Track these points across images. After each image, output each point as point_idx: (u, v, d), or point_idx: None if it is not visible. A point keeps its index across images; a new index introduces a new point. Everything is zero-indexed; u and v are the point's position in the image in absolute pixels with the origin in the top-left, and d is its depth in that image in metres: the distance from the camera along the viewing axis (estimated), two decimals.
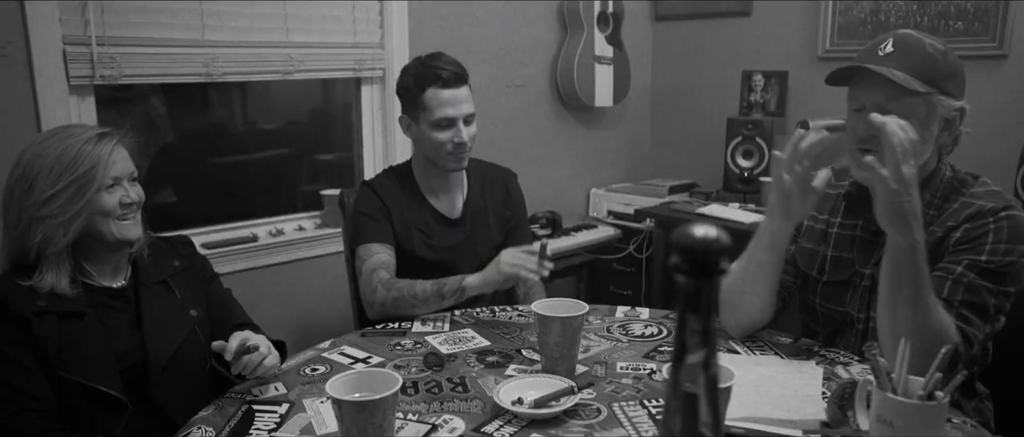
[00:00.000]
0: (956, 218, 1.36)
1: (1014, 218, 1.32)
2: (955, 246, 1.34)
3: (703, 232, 0.56)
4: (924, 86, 1.30)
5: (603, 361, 1.45)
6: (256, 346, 1.32)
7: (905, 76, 1.30)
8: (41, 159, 1.37)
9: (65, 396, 1.33)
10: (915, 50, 1.33)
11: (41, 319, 1.33)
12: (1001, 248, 1.30)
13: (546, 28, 3.26)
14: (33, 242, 1.36)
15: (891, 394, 1.01)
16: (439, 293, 1.71)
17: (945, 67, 1.33)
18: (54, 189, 1.35)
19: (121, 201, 1.41)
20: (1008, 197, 1.36)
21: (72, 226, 1.37)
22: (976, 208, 1.35)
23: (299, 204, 2.83)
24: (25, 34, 2.03)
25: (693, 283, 0.58)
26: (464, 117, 1.84)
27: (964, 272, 1.30)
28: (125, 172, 1.43)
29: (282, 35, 2.50)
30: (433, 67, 1.83)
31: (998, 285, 1.30)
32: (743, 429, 1.15)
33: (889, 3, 2.85)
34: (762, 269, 1.44)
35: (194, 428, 1.20)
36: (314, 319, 2.67)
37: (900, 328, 1.20)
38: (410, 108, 1.88)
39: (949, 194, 1.39)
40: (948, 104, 1.34)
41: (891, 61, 1.32)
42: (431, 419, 1.22)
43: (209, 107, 2.79)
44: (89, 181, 1.37)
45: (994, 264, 1.30)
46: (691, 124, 3.59)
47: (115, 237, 1.42)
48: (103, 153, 1.39)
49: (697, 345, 0.60)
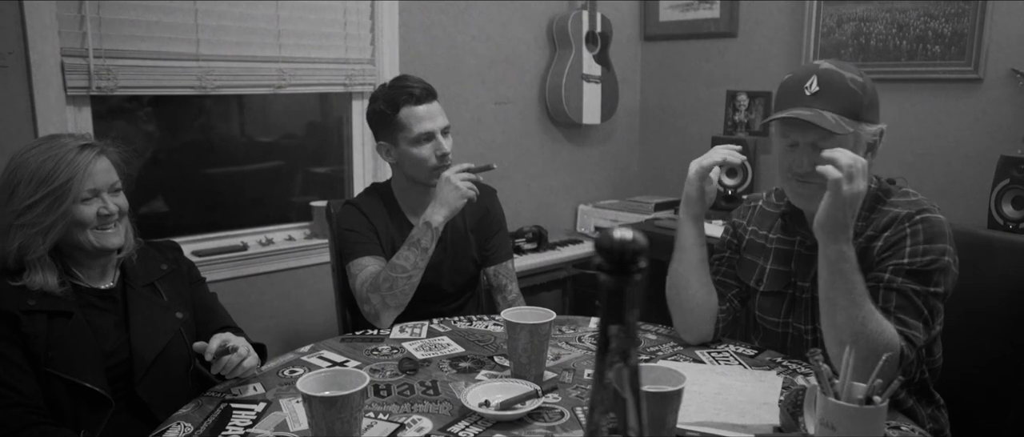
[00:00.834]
0: (876, 227, 1.44)
1: (928, 220, 1.39)
2: (879, 255, 1.41)
3: (621, 234, 0.62)
4: (852, 124, 1.39)
5: (571, 368, 1.50)
6: (235, 347, 1.37)
7: (836, 120, 1.37)
8: (23, 169, 1.42)
9: (51, 392, 1.37)
10: (839, 89, 1.40)
11: (30, 317, 1.38)
12: (920, 249, 1.37)
13: (535, 46, 3.33)
14: (12, 248, 1.41)
15: (832, 398, 1.06)
16: (416, 246, 1.78)
17: (865, 98, 1.41)
18: (32, 199, 1.40)
19: (98, 213, 1.44)
20: (924, 202, 1.43)
21: (49, 235, 1.41)
22: (891, 215, 1.42)
23: (292, 215, 2.89)
24: (25, 45, 2.09)
25: (614, 281, 0.63)
26: (441, 129, 1.89)
27: (891, 277, 1.37)
28: (105, 184, 1.46)
29: (275, 50, 2.57)
30: (402, 88, 1.88)
31: (925, 285, 1.36)
32: (698, 433, 1.20)
33: (870, 26, 2.92)
34: (691, 252, 1.58)
35: (173, 424, 1.25)
36: (301, 327, 2.72)
37: (841, 336, 1.27)
38: (386, 132, 1.92)
39: (874, 205, 1.46)
40: (871, 130, 1.43)
41: (818, 101, 1.40)
42: (400, 419, 1.27)
43: (203, 119, 2.86)
44: (65, 193, 1.41)
45: (916, 264, 1.36)
46: (677, 142, 3.65)
47: (93, 246, 1.46)
48: (80, 165, 1.42)
49: (619, 340, 0.65)
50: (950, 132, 2.78)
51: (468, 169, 1.86)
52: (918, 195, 1.46)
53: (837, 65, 1.44)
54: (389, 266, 1.79)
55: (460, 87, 3.06)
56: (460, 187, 1.80)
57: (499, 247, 2.06)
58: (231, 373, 1.38)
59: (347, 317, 2.11)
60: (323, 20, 2.68)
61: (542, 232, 3.21)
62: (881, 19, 2.90)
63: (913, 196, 1.46)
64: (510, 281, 2.05)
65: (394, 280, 1.77)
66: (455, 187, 1.81)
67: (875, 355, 1.09)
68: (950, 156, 2.78)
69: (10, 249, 1.41)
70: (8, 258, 1.42)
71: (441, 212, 1.81)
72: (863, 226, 1.46)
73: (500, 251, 2.05)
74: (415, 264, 1.78)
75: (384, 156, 1.96)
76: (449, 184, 1.81)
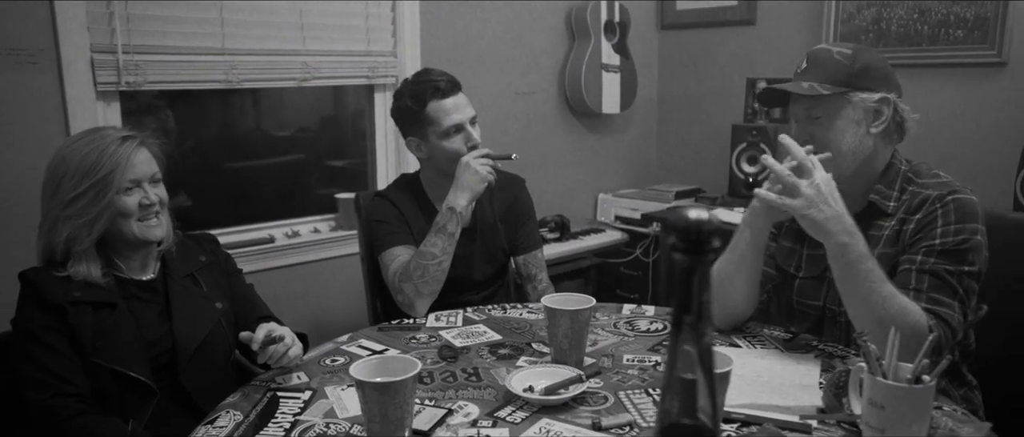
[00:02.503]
0: (907, 209, 1.46)
1: (959, 200, 1.41)
2: (911, 237, 1.43)
3: (697, 213, 0.63)
4: (832, 88, 1.45)
5: (610, 353, 1.51)
6: (281, 337, 1.39)
7: (811, 85, 1.46)
8: (67, 162, 1.44)
9: (97, 381, 1.40)
10: (824, 61, 1.49)
11: (76, 309, 1.40)
12: (951, 229, 1.39)
13: (554, 36, 3.34)
14: (60, 239, 1.44)
15: (881, 378, 1.07)
16: (442, 231, 1.81)
17: (854, 67, 1.47)
18: (77, 191, 1.43)
19: (140, 203, 1.47)
20: (955, 184, 1.45)
21: (95, 226, 1.44)
22: (922, 197, 1.44)
23: (312, 208, 2.91)
24: (56, 42, 2.12)
25: (688, 260, 0.64)
26: (470, 119, 1.90)
27: (924, 259, 1.39)
28: (145, 174, 1.49)
29: (298, 43, 2.59)
30: (427, 81, 1.89)
31: (958, 264, 1.38)
32: (743, 415, 1.21)
33: (891, 11, 2.92)
34: (744, 262, 1.53)
35: (222, 412, 1.27)
36: (330, 318, 2.75)
37: (861, 322, 1.31)
38: (414, 128, 1.93)
39: (905, 185, 1.48)
40: (865, 97, 1.47)
41: (805, 75, 1.50)
42: (447, 404, 1.28)
43: (223, 114, 2.87)
44: (108, 184, 1.43)
45: (948, 244, 1.38)
46: (696, 130, 3.66)
47: (137, 237, 1.48)
48: (122, 157, 1.44)
49: (692, 320, 0.66)
50: (974, 117, 2.77)
51: (487, 155, 1.88)
52: (948, 176, 1.47)
53: (834, 45, 1.51)
54: (418, 254, 1.80)
55: (481, 78, 3.07)
56: (479, 171, 1.83)
57: (528, 236, 2.07)
58: (277, 362, 1.40)
59: (378, 307, 2.13)
60: (345, 13, 2.69)
61: (564, 221, 3.23)
62: (902, 4, 2.89)
63: (944, 177, 1.47)
64: (540, 270, 2.06)
65: (425, 267, 1.78)
66: (475, 171, 1.83)
67: (903, 336, 1.10)
68: (974, 141, 2.77)
69: (58, 241, 1.43)
70: (56, 250, 1.44)
71: (463, 196, 1.83)
72: (895, 207, 1.48)
73: (530, 240, 2.07)
74: (443, 249, 1.80)
75: (414, 151, 1.97)
76: (468, 168, 1.83)
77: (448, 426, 1.21)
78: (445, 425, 1.21)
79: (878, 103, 1.47)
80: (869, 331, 1.16)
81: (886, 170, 1.52)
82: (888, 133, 1.51)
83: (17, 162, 2.07)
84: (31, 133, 2.09)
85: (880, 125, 1.48)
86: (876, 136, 1.49)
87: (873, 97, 1.46)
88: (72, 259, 1.44)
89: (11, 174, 2.07)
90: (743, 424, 1.19)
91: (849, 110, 1.46)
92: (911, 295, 1.36)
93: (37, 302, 1.39)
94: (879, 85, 1.47)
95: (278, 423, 1.23)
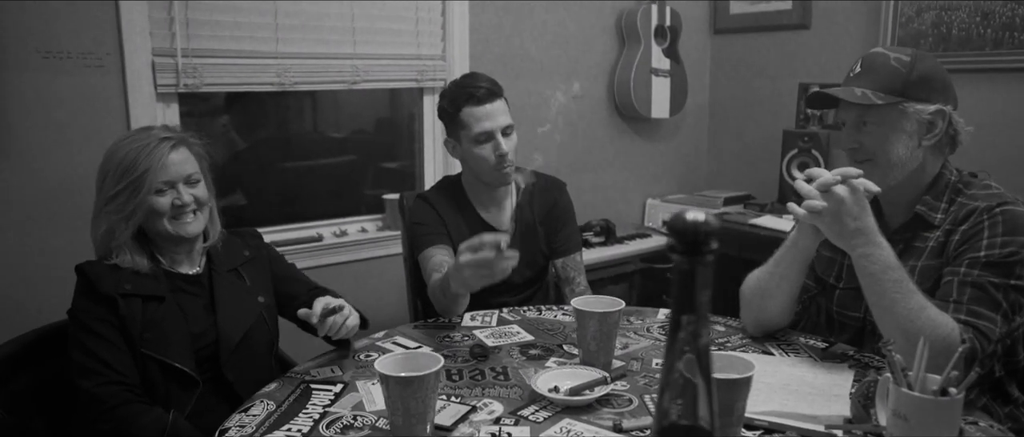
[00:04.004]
0: (954, 221, 1.41)
1: (1008, 212, 1.36)
2: (956, 249, 1.38)
3: (694, 215, 0.64)
4: (886, 97, 1.41)
5: (639, 357, 1.51)
6: (340, 307, 1.45)
7: (864, 92, 1.42)
8: (110, 160, 1.52)
9: (145, 371, 1.47)
10: (879, 67, 1.44)
11: (127, 301, 1.47)
12: (999, 241, 1.34)
13: (604, 40, 3.34)
14: (101, 232, 1.52)
15: (906, 389, 1.04)
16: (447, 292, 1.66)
17: (912, 75, 1.41)
18: (116, 188, 1.50)
19: (173, 203, 1.52)
20: (1007, 195, 1.40)
21: (130, 221, 1.51)
22: (970, 208, 1.40)
23: (363, 208, 2.98)
24: (120, 46, 2.23)
25: (686, 262, 0.65)
26: (502, 129, 1.89)
27: (967, 271, 1.34)
28: (180, 175, 1.53)
29: (350, 47, 2.65)
30: (466, 87, 1.90)
31: (1004, 277, 1.33)
32: (766, 422, 1.20)
33: (952, 14, 2.83)
34: (786, 278, 1.52)
35: (257, 402, 1.32)
36: (374, 316, 2.78)
37: (888, 333, 1.28)
38: (452, 129, 1.96)
39: (953, 197, 1.43)
40: (920, 109, 1.42)
41: (858, 80, 1.45)
42: (472, 402, 1.31)
43: (281, 115, 2.96)
44: (140, 184, 1.49)
45: (994, 256, 1.33)
46: (747, 136, 3.60)
47: (170, 233, 1.54)
48: (156, 158, 1.50)
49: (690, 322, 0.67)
50: None
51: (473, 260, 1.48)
52: (1000, 188, 1.43)
53: (891, 49, 1.46)
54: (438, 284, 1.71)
55: (529, 81, 3.10)
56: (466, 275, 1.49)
57: (568, 239, 2.08)
58: (337, 333, 1.45)
59: (418, 306, 2.17)
60: (396, 17, 2.75)
61: (610, 226, 3.22)
62: (963, 7, 2.79)
63: (995, 189, 1.43)
64: (578, 273, 2.07)
65: (447, 308, 1.74)
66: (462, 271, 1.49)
67: (933, 349, 1.08)
68: None
69: (99, 233, 1.52)
70: (100, 242, 1.53)
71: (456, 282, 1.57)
72: (942, 218, 1.44)
73: (569, 243, 2.08)
74: (447, 307, 1.73)
75: (450, 152, 2.01)
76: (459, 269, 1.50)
77: (471, 423, 1.23)
78: (468, 421, 1.23)
79: (933, 115, 1.42)
80: (895, 342, 1.13)
81: (935, 181, 1.48)
82: (940, 145, 1.46)
83: (81, 160, 2.18)
84: (95, 132, 2.20)
85: (933, 138, 1.43)
86: (926, 148, 1.45)
87: (928, 109, 1.42)
88: (114, 251, 1.51)
89: (76, 171, 2.18)
90: (766, 431, 1.18)
91: (902, 121, 1.42)
92: (951, 307, 1.32)
93: (90, 294, 1.47)
94: (935, 96, 1.43)
95: (308, 413, 1.27)
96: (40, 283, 2.15)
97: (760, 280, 1.57)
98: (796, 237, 1.50)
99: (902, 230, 1.50)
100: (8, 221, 2.15)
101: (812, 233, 1.45)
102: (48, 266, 2.14)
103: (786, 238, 1.53)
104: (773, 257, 1.54)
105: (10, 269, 2.16)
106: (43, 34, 2.12)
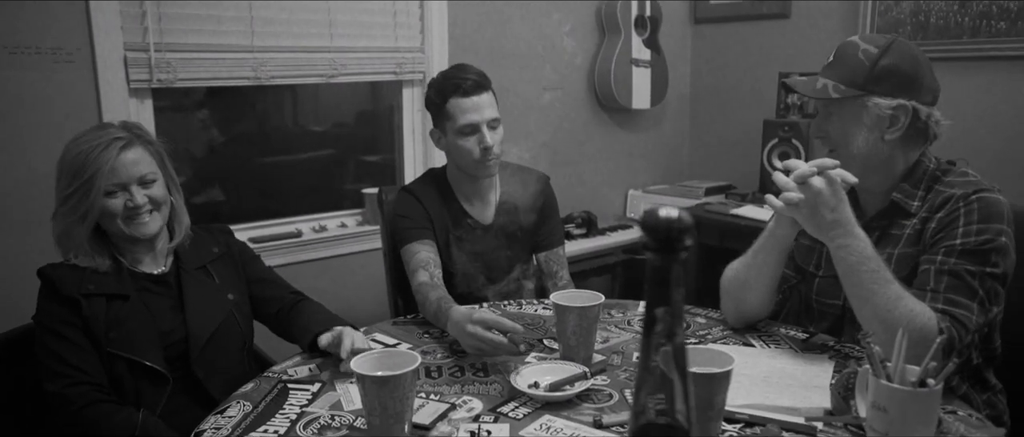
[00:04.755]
0: (930, 208, 1.41)
1: (983, 199, 1.36)
2: (932, 236, 1.38)
3: (667, 213, 0.62)
4: (846, 91, 1.42)
5: (620, 351, 1.51)
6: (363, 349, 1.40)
7: (824, 85, 1.44)
8: (64, 161, 1.49)
9: (114, 371, 1.45)
10: (848, 58, 1.45)
11: (90, 301, 1.45)
12: (974, 229, 1.34)
13: (584, 31, 3.32)
14: (57, 233, 1.50)
15: (884, 381, 1.04)
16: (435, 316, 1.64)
17: (874, 70, 1.41)
18: (68, 191, 1.47)
19: (126, 205, 1.48)
20: (983, 183, 1.40)
21: (85, 223, 1.48)
22: (946, 196, 1.40)
23: (344, 203, 2.95)
24: (90, 41, 2.18)
25: (659, 259, 0.64)
26: (487, 122, 1.87)
27: (943, 259, 1.34)
28: (132, 176, 1.48)
29: (326, 40, 2.62)
30: (453, 78, 1.88)
31: (980, 265, 1.33)
32: (746, 415, 1.20)
33: (930, 3, 2.83)
34: (765, 267, 1.52)
35: (233, 403, 1.30)
36: (354, 312, 2.77)
37: (868, 323, 1.28)
38: (438, 120, 1.94)
39: (931, 185, 1.43)
40: (880, 103, 1.41)
41: (828, 71, 1.47)
42: (451, 399, 1.29)
43: (259, 110, 2.93)
44: (90, 187, 1.45)
45: (970, 244, 1.33)
46: (728, 126, 3.61)
47: (125, 234, 1.50)
48: (104, 160, 1.45)
49: (665, 319, 0.66)
50: (1017, 112, 2.68)
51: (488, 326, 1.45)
52: (977, 176, 1.43)
53: (865, 38, 1.45)
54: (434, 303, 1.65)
55: (509, 73, 3.07)
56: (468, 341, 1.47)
57: (551, 233, 2.07)
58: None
59: (399, 302, 2.15)
60: (373, 10, 2.72)
61: (591, 217, 3.21)
62: None
63: (971, 176, 1.43)
64: (561, 267, 2.06)
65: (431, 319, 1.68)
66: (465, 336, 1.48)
67: (910, 339, 1.08)
68: (1016, 136, 2.68)
69: (57, 234, 1.50)
70: (58, 242, 1.50)
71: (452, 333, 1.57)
72: (918, 206, 1.44)
73: (552, 238, 2.06)
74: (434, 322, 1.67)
75: (436, 142, 1.99)
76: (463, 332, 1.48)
77: (450, 420, 1.22)
78: (447, 420, 1.22)
79: (894, 110, 1.41)
80: (874, 332, 1.13)
81: (912, 170, 1.47)
82: (910, 138, 1.45)
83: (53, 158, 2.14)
84: (67, 129, 2.13)
85: (895, 132, 1.43)
86: (893, 142, 1.44)
87: (889, 104, 1.41)
88: (74, 251, 1.49)
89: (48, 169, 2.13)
90: (747, 424, 1.18)
91: (862, 114, 1.42)
92: (928, 296, 1.32)
93: (53, 296, 1.45)
94: (898, 91, 1.41)
95: (285, 414, 1.25)
96: (7, 286, 2.10)
97: (739, 271, 1.57)
98: (774, 227, 1.49)
99: (878, 218, 1.50)
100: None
101: (790, 223, 1.45)
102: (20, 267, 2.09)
103: (764, 228, 1.53)
104: (752, 247, 1.54)
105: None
106: (10, 30, 2.07)
